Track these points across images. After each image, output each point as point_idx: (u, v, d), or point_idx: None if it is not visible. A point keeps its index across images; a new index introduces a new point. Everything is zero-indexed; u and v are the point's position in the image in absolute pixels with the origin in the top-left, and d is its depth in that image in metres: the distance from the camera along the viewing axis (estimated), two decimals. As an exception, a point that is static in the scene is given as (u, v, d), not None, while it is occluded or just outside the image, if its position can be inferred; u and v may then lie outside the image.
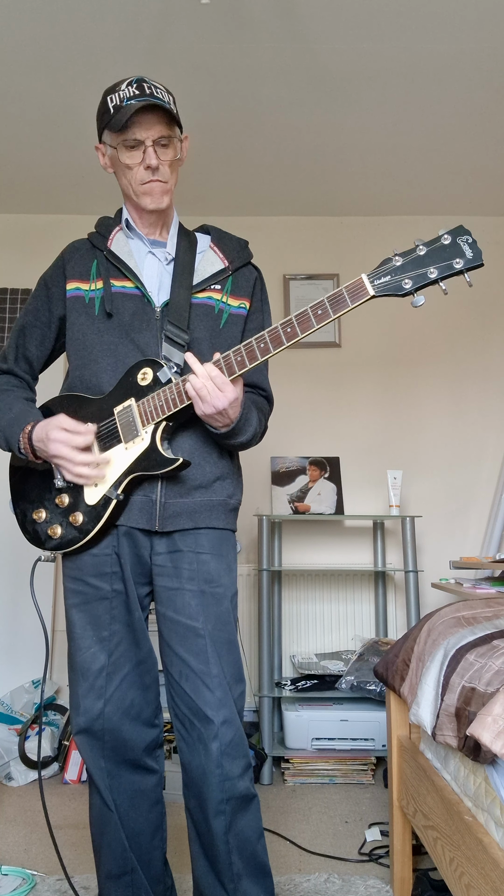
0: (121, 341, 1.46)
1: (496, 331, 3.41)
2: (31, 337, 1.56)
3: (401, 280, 1.24)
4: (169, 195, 1.48)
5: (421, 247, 1.24)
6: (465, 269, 1.22)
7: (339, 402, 3.37)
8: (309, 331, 1.29)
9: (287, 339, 1.29)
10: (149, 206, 1.47)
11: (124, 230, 1.55)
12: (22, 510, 1.52)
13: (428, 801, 1.53)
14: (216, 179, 3.15)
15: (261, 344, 1.31)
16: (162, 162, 1.44)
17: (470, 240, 1.23)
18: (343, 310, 1.26)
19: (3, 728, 2.67)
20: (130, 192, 1.48)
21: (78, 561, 1.46)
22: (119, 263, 1.50)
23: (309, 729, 2.60)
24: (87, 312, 1.49)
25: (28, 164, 3.01)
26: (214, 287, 1.52)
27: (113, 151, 1.46)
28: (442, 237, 1.24)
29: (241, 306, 1.54)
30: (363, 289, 1.26)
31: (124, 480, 1.39)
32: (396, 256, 1.25)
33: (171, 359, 1.42)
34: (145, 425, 1.39)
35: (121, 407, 1.42)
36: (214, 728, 1.36)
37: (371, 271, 1.26)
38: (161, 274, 1.52)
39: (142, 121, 1.41)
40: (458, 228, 1.24)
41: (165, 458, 1.37)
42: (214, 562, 1.45)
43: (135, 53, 2.35)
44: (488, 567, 2.56)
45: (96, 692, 1.42)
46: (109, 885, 1.45)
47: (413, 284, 1.24)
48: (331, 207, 3.41)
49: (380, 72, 2.46)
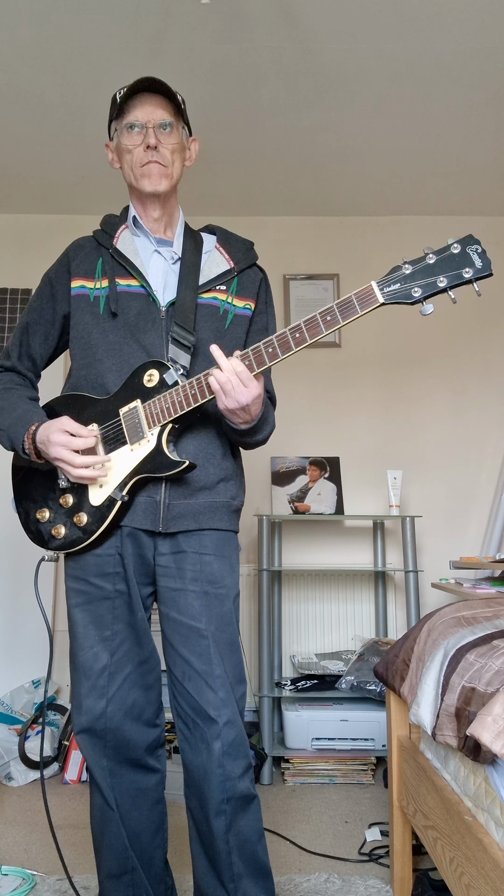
0: (125, 341, 1.46)
1: (496, 331, 3.41)
2: (34, 334, 1.56)
3: (410, 288, 1.25)
4: (168, 180, 1.48)
5: (430, 255, 1.25)
6: (475, 278, 1.23)
7: (339, 402, 3.37)
8: (318, 336, 1.30)
9: (296, 345, 1.30)
10: (146, 188, 1.47)
11: (130, 227, 1.55)
12: (25, 510, 1.52)
13: (428, 801, 1.53)
14: (216, 179, 3.15)
15: (269, 348, 1.31)
16: (162, 144, 1.45)
17: (479, 249, 1.23)
18: (352, 317, 1.27)
19: (3, 728, 2.67)
20: (131, 178, 1.49)
21: (81, 561, 1.46)
22: (124, 262, 1.50)
23: (309, 729, 2.60)
24: (91, 311, 1.49)
25: (28, 164, 3.01)
26: (220, 288, 1.52)
27: (118, 141, 1.49)
28: (451, 246, 1.24)
29: (247, 307, 1.54)
30: (373, 296, 1.26)
31: (129, 482, 1.39)
32: (406, 264, 1.25)
33: (177, 361, 1.42)
34: (151, 427, 1.38)
35: (126, 408, 1.41)
36: (218, 728, 1.36)
37: (380, 279, 1.26)
38: (167, 273, 1.52)
39: (144, 105, 1.44)
40: (467, 238, 1.24)
41: (171, 461, 1.37)
42: (217, 563, 1.45)
43: (135, 53, 2.35)
44: (488, 567, 2.56)
45: (98, 692, 1.42)
46: (110, 885, 1.45)
47: (423, 293, 1.24)
48: (331, 207, 3.41)
49: (380, 72, 2.46)
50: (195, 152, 1.57)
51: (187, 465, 1.36)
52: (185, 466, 1.36)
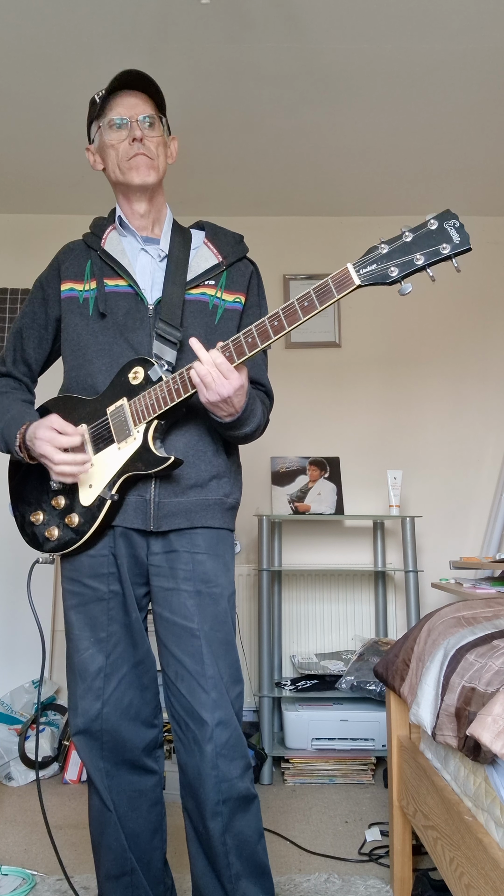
0: (115, 341, 1.46)
1: (496, 331, 3.41)
2: (28, 339, 1.56)
3: (387, 268, 1.21)
4: (156, 172, 1.48)
5: (407, 233, 1.21)
6: (453, 254, 1.18)
7: (339, 402, 3.37)
8: (296, 323, 1.25)
9: (274, 333, 1.26)
10: (135, 180, 1.47)
11: (118, 228, 1.55)
12: (21, 513, 1.52)
13: (428, 801, 1.53)
14: (216, 179, 3.15)
15: (248, 338, 1.29)
16: (148, 137, 1.46)
17: (457, 224, 1.19)
18: (329, 300, 1.23)
19: (3, 728, 2.67)
20: (118, 173, 1.49)
21: (75, 562, 1.46)
22: (112, 262, 1.50)
23: (309, 729, 2.60)
24: (81, 313, 1.49)
25: (28, 164, 3.01)
26: (208, 283, 1.51)
27: (100, 140, 1.49)
28: (428, 222, 1.20)
29: (236, 301, 1.53)
30: (349, 279, 1.22)
31: (118, 480, 1.39)
32: (382, 244, 1.22)
33: (162, 357, 1.42)
34: (137, 424, 1.38)
35: (113, 407, 1.41)
36: (209, 730, 1.35)
37: (357, 260, 1.22)
38: (154, 271, 1.52)
39: (125, 102, 1.46)
40: (444, 213, 1.20)
41: (157, 457, 1.36)
42: (211, 561, 1.44)
43: (135, 53, 2.35)
44: (488, 567, 2.56)
45: (94, 693, 1.42)
46: (109, 886, 1.45)
47: (399, 272, 1.20)
48: (331, 207, 3.41)
49: (380, 72, 2.46)
50: (175, 150, 1.57)
51: (173, 460, 1.35)
52: (170, 462, 1.35)
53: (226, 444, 1.51)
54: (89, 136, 1.55)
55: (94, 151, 1.54)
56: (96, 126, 1.50)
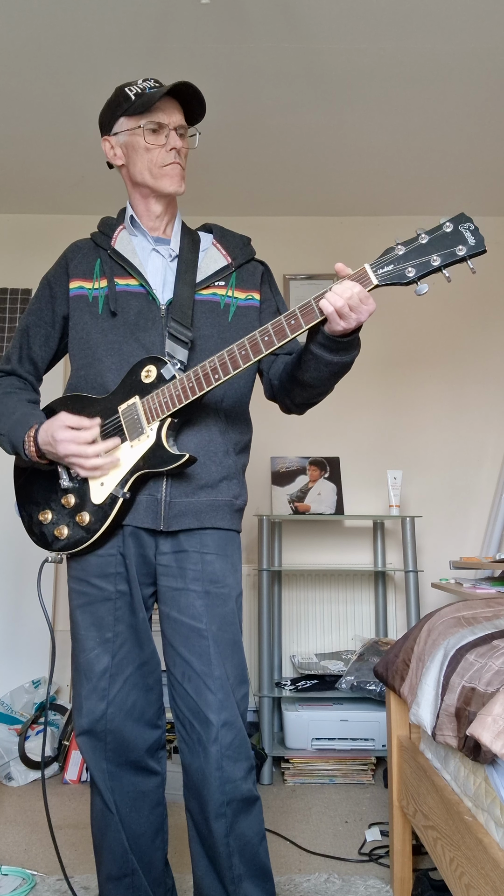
0: (125, 340, 1.45)
1: (496, 331, 3.41)
2: (35, 337, 1.55)
3: (404, 268, 1.24)
4: (184, 182, 1.51)
5: (423, 235, 1.24)
6: (468, 255, 1.22)
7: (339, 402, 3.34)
8: (314, 322, 1.29)
9: (306, 323, 1.30)
10: (167, 188, 1.49)
11: (128, 228, 1.55)
12: (28, 512, 1.51)
13: (428, 801, 1.53)
14: (216, 179, 3.15)
15: (265, 337, 1.30)
16: (182, 147, 1.49)
17: (472, 227, 1.23)
18: None
19: (3, 728, 2.67)
20: (147, 177, 1.49)
21: (83, 562, 1.45)
22: (123, 262, 1.50)
23: (309, 729, 2.60)
24: (90, 311, 1.49)
25: (28, 164, 3.01)
26: (218, 283, 1.52)
27: (129, 137, 1.48)
28: (444, 225, 1.24)
29: (250, 298, 1.54)
30: (366, 278, 1.26)
31: (130, 478, 1.39)
32: (399, 245, 1.25)
33: (174, 356, 1.42)
34: (150, 422, 1.38)
35: (125, 405, 1.41)
36: (214, 731, 1.35)
37: (374, 261, 1.26)
38: (165, 271, 1.52)
39: (165, 107, 1.47)
40: (459, 216, 1.24)
41: (171, 455, 1.36)
42: (219, 562, 1.44)
43: (135, 53, 2.35)
44: (488, 567, 2.56)
45: (99, 693, 1.42)
46: (110, 887, 1.45)
47: (416, 273, 1.24)
48: (331, 207, 3.41)
49: (380, 72, 2.45)
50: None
51: (187, 458, 1.35)
52: (185, 460, 1.35)
53: (234, 445, 1.50)
54: (110, 126, 1.51)
55: (116, 145, 1.52)
56: (132, 122, 1.47)
